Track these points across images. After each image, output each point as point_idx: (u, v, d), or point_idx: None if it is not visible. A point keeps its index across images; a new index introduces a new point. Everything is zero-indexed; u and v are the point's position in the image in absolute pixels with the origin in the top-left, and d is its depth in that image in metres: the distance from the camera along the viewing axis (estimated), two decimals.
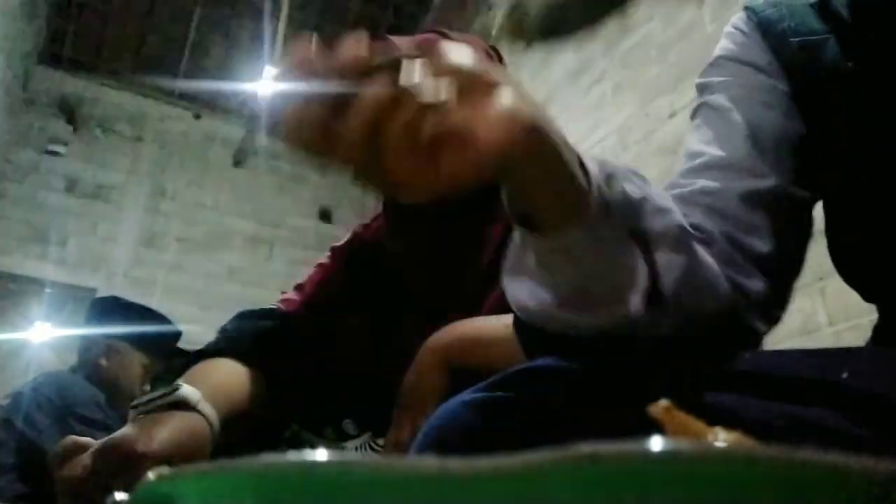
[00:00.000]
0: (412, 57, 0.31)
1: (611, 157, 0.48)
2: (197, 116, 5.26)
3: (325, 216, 5.53)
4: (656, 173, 2.49)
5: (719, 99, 0.56)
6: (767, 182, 0.51)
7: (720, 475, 0.15)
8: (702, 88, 0.58)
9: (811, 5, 0.56)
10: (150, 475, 0.20)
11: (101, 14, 4.59)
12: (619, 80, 2.97)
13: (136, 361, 2.14)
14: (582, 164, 0.39)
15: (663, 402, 0.20)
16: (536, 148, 0.34)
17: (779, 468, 0.14)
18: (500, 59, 0.88)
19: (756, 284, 0.47)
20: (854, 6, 0.52)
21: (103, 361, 2.08)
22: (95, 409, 1.93)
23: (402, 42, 0.84)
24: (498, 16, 4.00)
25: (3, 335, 4.33)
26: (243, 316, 0.88)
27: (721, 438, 0.19)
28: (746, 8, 0.60)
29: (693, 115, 0.58)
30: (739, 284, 0.46)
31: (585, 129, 3.06)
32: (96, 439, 0.63)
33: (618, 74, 2.98)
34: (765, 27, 0.57)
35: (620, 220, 0.40)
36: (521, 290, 0.44)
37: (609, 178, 0.40)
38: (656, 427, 0.20)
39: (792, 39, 0.55)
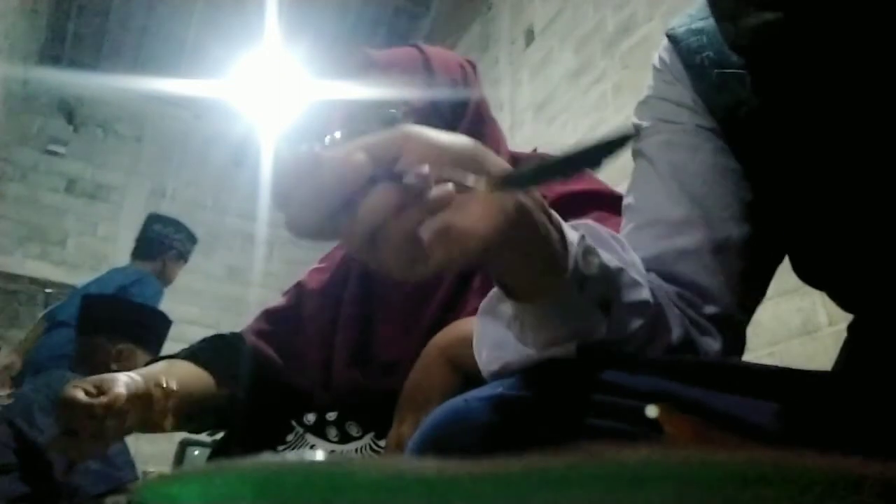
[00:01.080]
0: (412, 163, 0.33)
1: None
2: (197, 116, 5.26)
3: None
4: None
5: (651, 148, 0.56)
6: (702, 235, 0.52)
7: (719, 475, 0.15)
8: (637, 129, 0.59)
9: None
10: (151, 475, 0.20)
11: (101, 14, 4.59)
12: (619, 80, 2.97)
13: (142, 361, 2.14)
14: (563, 236, 0.41)
15: (663, 404, 0.20)
16: (516, 238, 0.36)
17: (777, 468, 0.14)
18: (475, 73, 0.92)
19: (711, 344, 0.50)
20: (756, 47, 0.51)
21: (114, 367, 2.05)
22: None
23: (382, 59, 0.85)
24: (498, 16, 4.01)
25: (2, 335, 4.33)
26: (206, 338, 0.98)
27: (719, 439, 0.19)
28: (668, 36, 0.59)
29: (633, 157, 0.59)
30: (698, 344, 0.49)
31: (585, 129, 3.06)
32: None
33: (618, 74, 2.98)
34: (685, 57, 0.56)
35: (593, 292, 0.42)
36: (492, 331, 0.47)
37: (587, 251, 0.42)
38: (656, 427, 0.20)
39: (710, 71, 0.54)
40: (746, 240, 0.53)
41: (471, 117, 0.86)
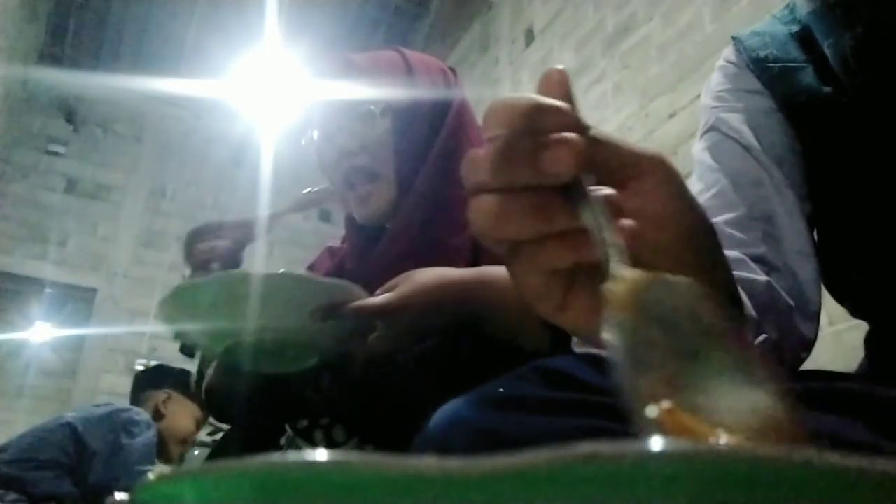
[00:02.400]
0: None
1: None
2: (197, 116, 5.26)
3: (325, 216, 5.54)
4: None
5: (731, 122, 0.60)
6: (795, 204, 0.56)
7: (720, 475, 0.15)
8: (709, 111, 0.62)
9: (791, 34, 0.61)
10: (150, 475, 0.20)
11: (102, 14, 4.59)
12: (619, 80, 2.97)
13: (190, 412, 2.25)
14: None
15: (664, 404, 0.20)
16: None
17: (779, 468, 0.14)
18: (457, 79, 0.93)
19: (809, 329, 0.53)
20: (838, 46, 0.56)
21: (162, 408, 2.21)
22: (145, 456, 1.99)
23: (362, 61, 0.86)
24: (497, 16, 4.00)
25: (2, 335, 4.34)
26: None
27: (721, 439, 0.19)
28: (734, 38, 0.65)
29: (705, 132, 0.62)
30: (799, 333, 0.52)
31: None
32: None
33: (618, 74, 2.98)
34: (749, 53, 0.63)
35: None
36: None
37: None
38: (658, 428, 0.20)
39: (772, 65, 0.61)
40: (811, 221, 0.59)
41: (452, 121, 0.87)
